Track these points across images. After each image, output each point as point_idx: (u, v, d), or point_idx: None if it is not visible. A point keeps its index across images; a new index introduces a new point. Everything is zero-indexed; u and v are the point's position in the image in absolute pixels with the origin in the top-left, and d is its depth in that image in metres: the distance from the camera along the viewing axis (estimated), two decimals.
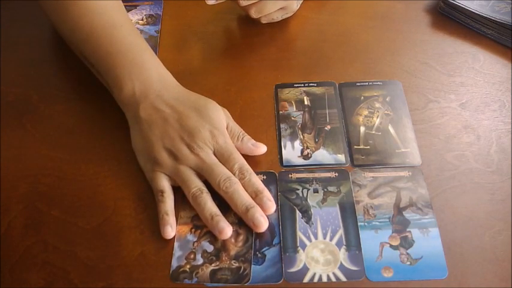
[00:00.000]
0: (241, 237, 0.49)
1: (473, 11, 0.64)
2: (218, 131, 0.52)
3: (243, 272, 0.46)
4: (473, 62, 0.62)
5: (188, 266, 0.47)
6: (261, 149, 0.54)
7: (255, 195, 0.50)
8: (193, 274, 0.46)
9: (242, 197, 0.49)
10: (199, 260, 0.47)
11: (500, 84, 0.60)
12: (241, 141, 0.54)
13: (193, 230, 0.49)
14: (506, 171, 0.52)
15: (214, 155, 0.52)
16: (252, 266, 0.47)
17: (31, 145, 0.56)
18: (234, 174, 0.50)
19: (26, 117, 0.59)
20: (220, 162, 0.51)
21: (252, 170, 0.51)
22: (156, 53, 0.64)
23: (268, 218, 0.49)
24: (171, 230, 0.49)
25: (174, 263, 0.47)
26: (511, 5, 0.64)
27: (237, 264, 0.47)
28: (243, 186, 0.50)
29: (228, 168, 0.51)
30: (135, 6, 0.71)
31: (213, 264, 0.47)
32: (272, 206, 0.50)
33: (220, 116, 0.54)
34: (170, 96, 0.54)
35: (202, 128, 0.52)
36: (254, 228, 0.48)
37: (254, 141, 0.54)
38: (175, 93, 0.55)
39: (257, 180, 0.51)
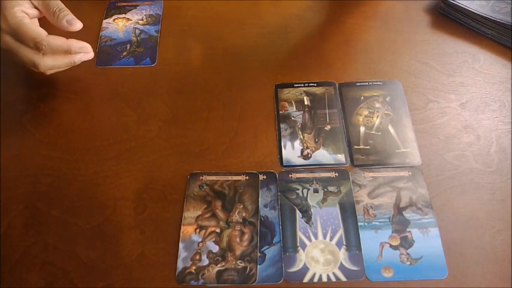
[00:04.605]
0: (246, 237, 0.49)
1: (473, 11, 0.64)
2: None
3: (249, 272, 0.46)
4: (473, 62, 0.62)
5: (194, 268, 0.47)
6: (76, 26, 0.56)
7: None
8: (200, 275, 0.46)
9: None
10: (205, 261, 0.47)
11: (500, 84, 0.60)
12: (56, 17, 0.56)
13: (197, 230, 0.49)
14: (506, 171, 0.52)
15: None
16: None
17: (31, 145, 0.56)
18: None
19: (26, 117, 0.59)
20: None
21: None
22: (156, 53, 0.64)
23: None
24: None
25: (180, 265, 0.47)
26: (511, 5, 0.64)
27: (242, 264, 0.47)
28: None
29: None
30: (135, 6, 0.71)
31: (218, 265, 0.47)
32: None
33: None
34: None
35: None
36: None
37: (71, 18, 0.56)
38: None
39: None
